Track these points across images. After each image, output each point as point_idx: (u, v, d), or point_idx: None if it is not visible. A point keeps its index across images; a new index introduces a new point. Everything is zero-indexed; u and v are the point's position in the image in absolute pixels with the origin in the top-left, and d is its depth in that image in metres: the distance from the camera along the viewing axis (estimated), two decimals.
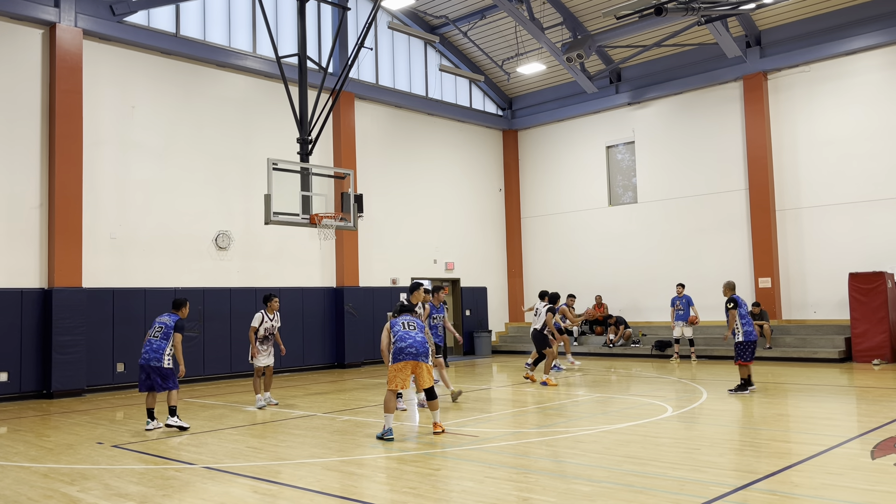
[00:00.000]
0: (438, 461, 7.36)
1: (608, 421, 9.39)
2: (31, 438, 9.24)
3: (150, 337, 9.60)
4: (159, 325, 9.64)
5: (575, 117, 22.20)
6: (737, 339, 11.56)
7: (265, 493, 6.17)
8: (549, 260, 22.73)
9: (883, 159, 16.89)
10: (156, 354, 9.43)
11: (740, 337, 11.53)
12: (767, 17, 18.28)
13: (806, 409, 10.21)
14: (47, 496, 6.22)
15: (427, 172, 21.20)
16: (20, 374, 13.44)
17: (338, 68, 18.42)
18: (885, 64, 17.01)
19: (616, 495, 5.75)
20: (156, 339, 9.52)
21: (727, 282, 12.16)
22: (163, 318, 9.71)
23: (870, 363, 15.79)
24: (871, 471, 6.36)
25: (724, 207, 19.19)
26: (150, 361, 9.43)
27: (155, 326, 9.66)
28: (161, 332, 9.55)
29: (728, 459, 6.96)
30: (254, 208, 16.39)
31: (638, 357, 19.04)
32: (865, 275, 16.18)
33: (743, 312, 11.66)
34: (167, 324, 9.61)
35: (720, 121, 19.37)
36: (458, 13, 20.43)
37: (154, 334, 9.58)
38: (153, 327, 9.68)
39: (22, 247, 13.83)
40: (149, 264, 15.33)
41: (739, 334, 11.54)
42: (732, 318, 11.60)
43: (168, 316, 9.73)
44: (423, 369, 8.54)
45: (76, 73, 14.37)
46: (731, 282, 12.14)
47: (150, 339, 9.59)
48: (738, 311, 11.61)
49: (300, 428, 9.52)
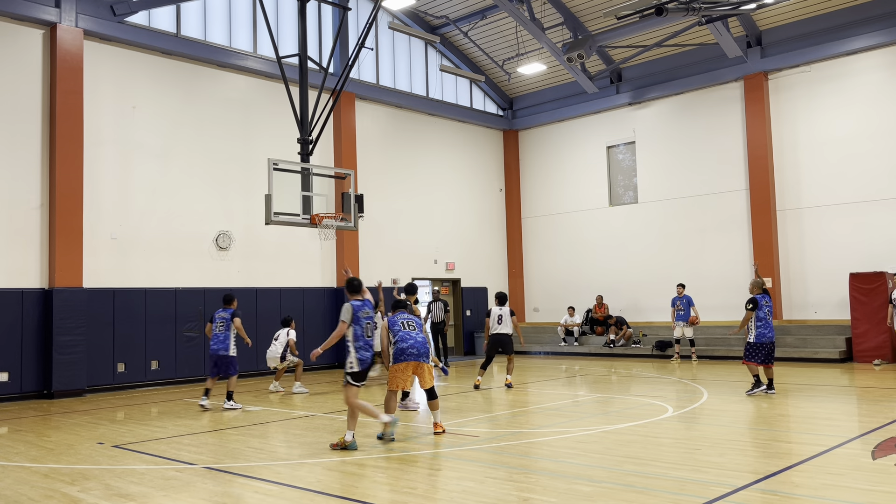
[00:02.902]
0: (439, 461, 7.36)
1: (609, 421, 9.39)
2: (32, 438, 9.25)
3: (216, 331, 11.30)
4: (220, 319, 11.33)
5: (575, 117, 22.20)
6: (748, 339, 11.57)
7: (265, 493, 6.17)
8: (549, 260, 22.73)
9: (884, 159, 16.88)
10: (223, 345, 11.21)
11: (752, 338, 11.50)
12: (768, 17, 18.27)
13: (807, 409, 10.21)
14: (48, 496, 6.22)
15: (428, 173, 21.20)
16: (21, 374, 13.44)
17: (338, 68, 18.42)
18: (886, 64, 17.00)
19: (617, 495, 5.75)
20: (221, 332, 11.26)
21: (755, 280, 11.98)
22: (220, 314, 11.40)
23: (870, 363, 15.78)
24: (871, 471, 6.36)
25: (725, 207, 19.19)
26: (218, 352, 11.20)
27: (217, 322, 11.34)
28: (223, 325, 11.27)
29: (729, 459, 6.96)
30: (254, 208, 16.39)
31: (638, 357, 19.03)
32: (866, 275, 16.17)
33: (762, 315, 11.46)
34: (226, 317, 11.32)
35: (721, 121, 19.36)
36: (458, 13, 20.43)
37: (217, 328, 11.30)
38: (215, 323, 11.36)
39: (23, 247, 13.84)
40: (149, 264, 15.34)
41: (752, 335, 11.54)
42: (747, 319, 11.58)
43: (223, 311, 11.43)
44: (425, 369, 8.54)
45: (77, 73, 14.37)
46: (759, 280, 11.98)
47: (216, 333, 11.30)
48: (757, 312, 11.47)
49: (300, 428, 9.52)
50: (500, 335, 13.18)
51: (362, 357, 7.91)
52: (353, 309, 7.94)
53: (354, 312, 7.93)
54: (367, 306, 8.14)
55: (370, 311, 8.13)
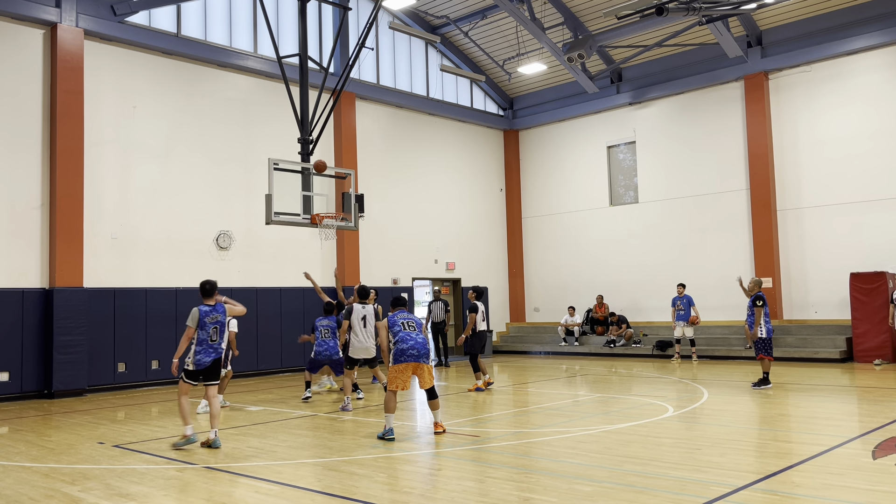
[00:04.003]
0: (439, 461, 7.36)
1: (609, 421, 9.39)
2: (33, 438, 9.25)
3: (323, 338, 11.74)
4: (326, 327, 11.81)
5: (576, 117, 22.19)
6: (761, 335, 11.90)
7: (266, 493, 6.17)
8: (550, 260, 22.73)
9: (884, 159, 16.87)
10: (334, 350, 11.71)
11: (763, 333, 11.91)
12: (768, 16, 18.27)
13: (807, 409, 10.21)
14: (48, 496, 6.22)
15: (428, 172, 21.20)
16: (21, 374, 13.44)
17: (339, 68, 18.42)
18: (886, 64, 16.99)
19: (617, 495, 5.75)
20: (329, 339, 11.75)
21: (756, 279, 12.42)
22: (323, 322, 11.89)
23: (871, 363, 15.77)
24: (872, 471, 6.36)
25: (725, 207, 19.18)
26: (331, 356, 11.71)
27: (322, 330, 11.79)
28: (330, 331, 11.80)
29: (729, 459, 6.96)
30: (255, 208, 16.40)
31: (639, 357, 19.03)
32: (867, 275, 16.17)
33: (766, 310, 11.99)
34: (332, 325, 11.86)
35: (721, 121, 19.36)
36: (459, 13, 20.43)
37: (325, 335, 11.77)
38: (319, 331, 11.80)
39: (23, 247, 13.84)
40: (150, 264, 15.34)
41: (763, 330, 11.92)
42: (760, 315, 11.91)
43: (327, 318, 11.95)
44: (425, 370, 8.53)
45: (77, 73, 14.37)
46: (758, 279, 12.37)
47: (324, 340, 11.74)
48: (764, 308, 11.95)
49: (301, 428, 9.52)
50: (484, 332, 13.26)
51: (199, 360, 8.16)
52: (200, 314, 8.16)
53: (200, 318, 8.15)
54: (218, 311, 8.32)
55: (219, 317, 8.32)
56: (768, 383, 11.97)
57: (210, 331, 8.19)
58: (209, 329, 8.18)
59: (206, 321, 8.16)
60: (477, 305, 13.20)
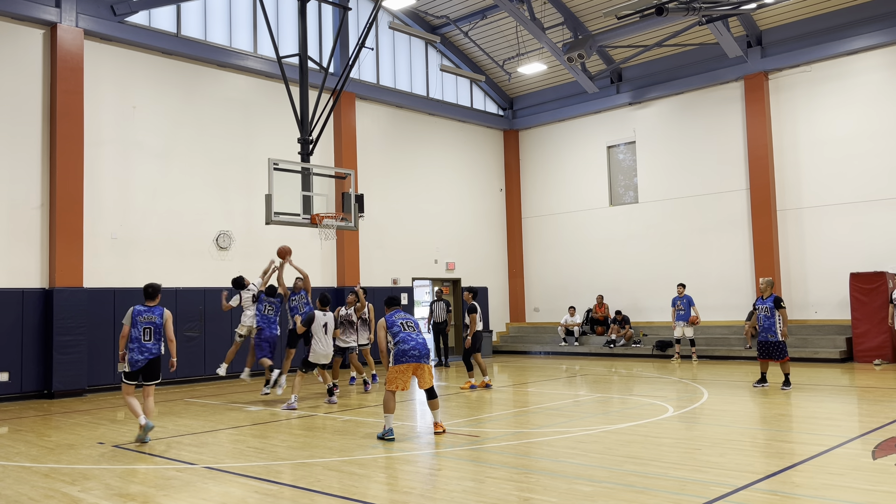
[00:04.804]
0: (439, 461, 7.36)
1: (609, 421, 9.39)
2: (32, 438, 9.25)
3: (265, 314, 12.48)
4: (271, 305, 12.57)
5: (576, 117, 22.19)
6: (778, 337, 11.95)
7: (266, 493, 6.17)
8: (550, 260, 22.73)
9: (884, 159, 16.87)
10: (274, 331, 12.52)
11: (780, 336, 11.96)
12: (768, 16, 18.26)
13: (807, 409, 10.21)
14: (48, 496, 6.22)
15: (428, 172, 21.20)
16: (21, 374, 13.44)
17: (339, 68, 18.42)
18: (886, 64, 16.99)
19: (617, 495, 5.75)
20: (271, 316, 12.54)
21: (769, 280, 12.32)
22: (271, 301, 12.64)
23: (871, 363, 15.77)
24: (872, 471, 6.36)
25: (725, 207, 19.18)
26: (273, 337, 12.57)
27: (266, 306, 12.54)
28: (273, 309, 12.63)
29: (729, 459, 6.96)
30: (255, 208, 16.39)
31: (639, 357, 19.03)
32: (867, 275, 16.17)
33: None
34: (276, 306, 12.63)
35: (721, 121, 19.36)
36: (459, 13, 20.43)
37: (268, 311, 12.51)
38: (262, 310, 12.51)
39: (23, 247, 13.84)
40: (150, 264, 15.33)
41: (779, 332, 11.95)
42: (785, 316, 11.99)
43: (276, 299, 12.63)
44: (425, 370, 8.52)
45: (77, 73, 14.37)
46: (770, 279, 12.39)
47: (266, 316, 12.49)
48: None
49: (300, 428, 9.52)
50: (481, 332, 13.49)
51: (132, 358, 8.51)
52: (133, 313, 8.54)
53: (133, 316, 8.53)
54: (154, 313, 8.65)
55: (154, 318, 8.62)
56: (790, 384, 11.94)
57: (142, 330, 8.55)
58: (141, 328, 8.55)
59: (138, 320, 8.55)
60: (476, 306, 13.32)
